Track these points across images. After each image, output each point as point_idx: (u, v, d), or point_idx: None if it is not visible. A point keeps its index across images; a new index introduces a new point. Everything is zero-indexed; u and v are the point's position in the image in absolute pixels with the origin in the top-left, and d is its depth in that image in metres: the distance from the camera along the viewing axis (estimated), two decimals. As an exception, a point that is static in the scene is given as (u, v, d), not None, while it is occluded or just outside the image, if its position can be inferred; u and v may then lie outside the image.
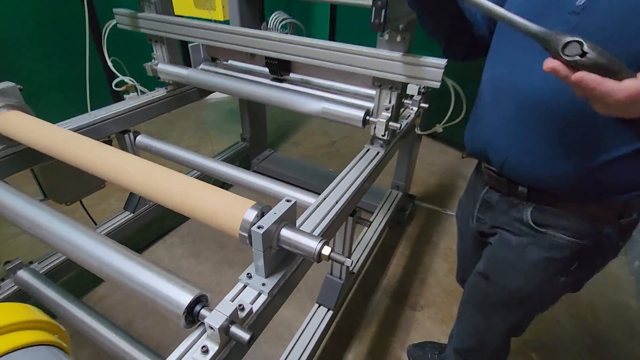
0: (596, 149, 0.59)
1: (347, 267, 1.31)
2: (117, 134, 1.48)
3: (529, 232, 0.72)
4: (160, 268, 0.67)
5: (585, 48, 0.40)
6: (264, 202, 0.70)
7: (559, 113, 0.59)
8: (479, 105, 0.76)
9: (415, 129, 1.58)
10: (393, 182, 1.93)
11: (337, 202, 0.94)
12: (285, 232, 0.67)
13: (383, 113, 1.14)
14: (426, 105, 1.47)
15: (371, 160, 1.15)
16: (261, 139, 2.41)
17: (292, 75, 1.51)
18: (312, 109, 1.26)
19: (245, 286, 0.70)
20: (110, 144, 1.42)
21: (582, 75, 0.41)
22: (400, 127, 1.15)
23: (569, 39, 0.41)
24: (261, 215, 0.68)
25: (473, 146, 0.78)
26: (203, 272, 1.68)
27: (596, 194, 0.63)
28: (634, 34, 0.51)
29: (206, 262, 1.73)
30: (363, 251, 1.51)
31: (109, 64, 1.56)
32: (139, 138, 1.51)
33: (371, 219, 1.73)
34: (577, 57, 0.40)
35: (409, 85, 1.44)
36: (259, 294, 0.68)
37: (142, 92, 1.62)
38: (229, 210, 0.71)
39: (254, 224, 0.65)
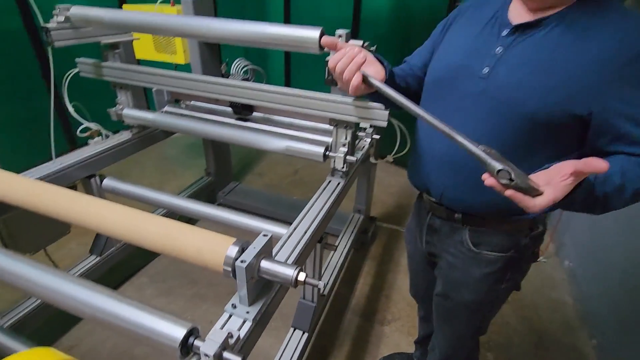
0: None
1: (319, 290, 1.40)
2: (82, 180, 1.50)
3: (469, 254, 0.87)
4: (149, 306, 0.74)
5: (513, 176, 0.57)
6: (233, 235, 0.79)
7: (471, 165, 0.74)
8: (418, 146, 0.92)
9: (370, 158, 1.75)
10: (355, 207, 2.08)
11: (306, 232, 1.04)
12: (265, 264, 0.77)
13: (341, 148, 1.28)
14: (378, 137, 1.64)
15: (333, 191, 1.28)
16: (226, 172, 2.48)
17: (254, 114, 1.63)
18: (277, 146, 1.38)
19: (231, 315, 0.77)
20: (75, 190, 1.43)
21: (511, 193, 0.57)
22: (357, 159, 1.30)
23: (500, 167, 0.57)
24: (241, 250, 0.77)
25: (416, 181, 0.93)
26: (176, 310, 1.68)
27: (510, 215, 0.79)
28: (522, 100, 0.68)
29: (178, 300, 1.73)
30: (332, 274, 1.61)
31: (70, 110, 1.59)
32: (106, 181, 1.53)
33: (336, 243, 1.84)
34: (507, 181, 0.57)
35: (361, 120, 1.61)
36: (244, 321, 0.76)
37: (107, 136, 1.65)
38: (211, 248, 0.79)
39: (237, 259, 0.74)
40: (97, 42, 1.47)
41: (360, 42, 0.94)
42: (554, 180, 0.57)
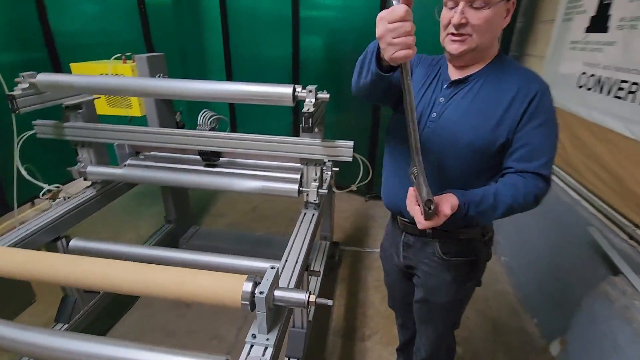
0: None
1: (307, 316, 1.50)
2: (47, 244, 1.44)
3: (440, 262, 1.05)
4: (173, 349, 0.79)
5: (432, 207, 0.77)
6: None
7: (435, 189, 0.92)
8: (392, 174, 1.07)
9: (332, 188, 1.93)
10: (321, 234, 2.23)
11: (297, 262, 1.17)
12: (278, 293, 0.88)
13: (312, 183, 1.44)
14: (337, 169, 1.84)
15: (310, 222, 1.42)
16: (186, 217, 2.47)
17: (221, 159, 1.73)
18: (253, 187, 1.50)
19: (252, 345, 0.86)
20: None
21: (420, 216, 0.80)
22: (327, 191, 1.47)
23: (426, 198, 0.77)
24: (254, 284, 0.88)
25: (390, 205, 1.09)
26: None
27: (466, 226, 0.99)
28: (460, 135, 0.89)
29: (157, 355, 1.68)
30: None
31: (23, 172, 1.54)
32: (73, 242, 1.49)
33: (312, 269, 1.96)
34: (428, 209, 0.77)
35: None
36: (266, 348, 0.85)
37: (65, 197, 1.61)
38: (227, 287, 0.88)
39: (253, 293, 0.84)
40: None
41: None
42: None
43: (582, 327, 1.27)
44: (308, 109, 1.12)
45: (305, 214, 1.48)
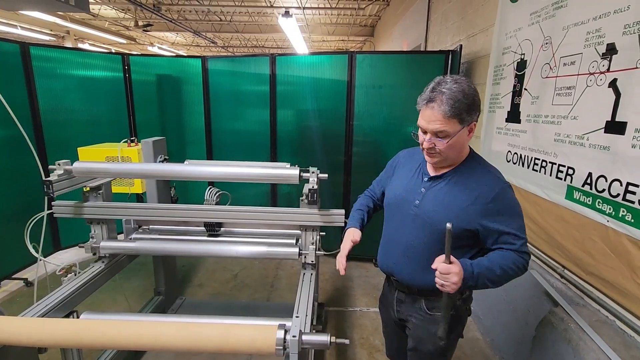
0: None
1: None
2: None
3: (427, 316, 1.25)
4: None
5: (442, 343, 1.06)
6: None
7: (421, 256, 1.17)
8: (386, 242, 1.31)
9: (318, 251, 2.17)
10: (307, 296, 2.39)
11: (306, 315, 1.37)
12: (305, 337, 1.08)
13: (310, 246, 1.69)
14: (324, 233, 2.11)
15: (310, 281, 1.64)
16: (174, 289, 2.53)
17: (222, 229, 1.94)
18: (257, 252, 1.71)
19: (288, 387, 1.03)
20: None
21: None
22: (323, 253, 1.72)
23: (439, 335, 1.04)
24: (284, 332, 1.07)
25: (385, 268, 1.32)
26: None
27: None
28: (437, 220, 1.13)
29: None
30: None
31: (31, 250, 1.64)
32: (84, 316, 1.55)
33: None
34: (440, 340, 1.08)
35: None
36: (300, 385, 1.03)
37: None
38: (261, 336, 1.06)
39: (285, 339, 1.03)
40: None
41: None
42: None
43: (538, 354, 1.55)
44: (312, 186, 1.43)
45: (304, 274, 1.70)
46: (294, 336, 1.03)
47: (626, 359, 1.18)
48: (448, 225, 0.96)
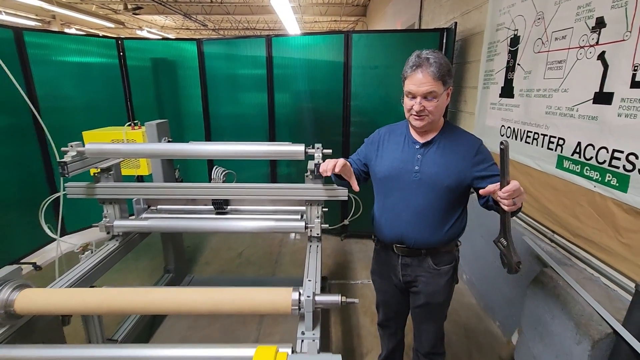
0: (445, 224, 1.32)
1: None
2: (81, 293, 1.58)
3: (434, 272, 1.38)
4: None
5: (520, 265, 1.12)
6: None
7: (431, 215, 1.29)
8: (390, 211, 1.37)
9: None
10: (311, 269, 2.50)
11: (316, 281, 1.46)
12: (318, 297, 1.17)
13: (315, 220, 1.78)
14: (326, 209, 2.20)
15: (317, 252, 1.73)
16: (183, 267, 2.62)
17: (228, 207, 2.01)
18: (265, 226, 1.79)
19: (302, 340, 1.13)
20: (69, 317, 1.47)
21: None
22: (328, 226, 1.81)
23: (517, 260, 1.10)
24: (298, 293, 1.16)
25: (393, 236, 1.38)
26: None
27: (449, 241, 1.35)
28: (440, 180, 1.25)
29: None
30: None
31: (47, 230, 1.71)
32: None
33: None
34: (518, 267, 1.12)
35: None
36: (314, 339, 1.13)
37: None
38: (278, 298, 1.16)
39: (299, 300, 1.13)
40: None
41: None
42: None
43: (530, 312, 1.68)
44: (318, 161, 1.50)
45: (310, 246, 1.79)
46: (308, 296, 1.12)
47: (610, 310, 1.30)
48: (501, 146, 0.99)
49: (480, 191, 1.15)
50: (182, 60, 3.52)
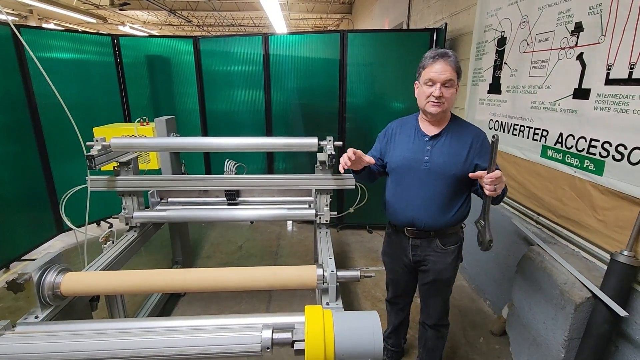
0: (451, 208, 1.47)
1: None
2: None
3: (442, 251, 1.52)
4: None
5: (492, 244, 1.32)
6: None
7: (440, 201, 1.43)
8: (400, 196, 1.51)
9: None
10: (314, 257, 2.64)
11: (330, 260, 1.60)
12: (340, 272, 1.31)
13: (325, 208, 1.92)
14: (331, 199, 2.34)
15: (327, 237, 1.86)
16: (189, 259, 2.71)
17: (240, 198, 2.12)
18: (277, 215, 1.91)
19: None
20: (98, 300, 1.55)
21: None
22: (337, 213, 1.95)
23: (489, 239, 1.32)
24: (322, 269, 1.30)
25: (405, 220, 1.52)
26: None
27: (455, 224, 1.50)
28: (448, 169, 1.38)
29: None
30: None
31: (68, 223, 1.78)
32: (126, 277, 1.73)
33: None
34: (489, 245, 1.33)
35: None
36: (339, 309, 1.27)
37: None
38: (304, 274, 1.28)
39: (324, 275, 1.26)
40: None
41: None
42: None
43: (519, 286, 1.87)
44: (330, 152, 1.64)
45: (320, 232, 1.92)
46: (332, 271, 1.26)
47: (589, 278, 1.49)
48: (492, 139, 1.16)
49: (470, 174, 1.32)
50: (178, 57, 3.57)
